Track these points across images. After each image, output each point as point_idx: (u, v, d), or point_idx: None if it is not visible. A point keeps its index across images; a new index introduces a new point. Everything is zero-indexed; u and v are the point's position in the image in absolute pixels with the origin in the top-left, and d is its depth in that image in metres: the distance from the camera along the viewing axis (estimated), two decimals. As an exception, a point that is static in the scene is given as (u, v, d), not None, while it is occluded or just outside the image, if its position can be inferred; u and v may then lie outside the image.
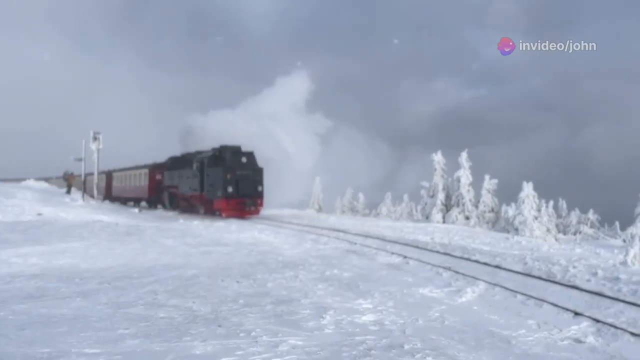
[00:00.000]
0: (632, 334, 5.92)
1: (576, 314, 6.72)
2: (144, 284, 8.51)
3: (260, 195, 24.13)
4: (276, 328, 6.00)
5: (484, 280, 8.73)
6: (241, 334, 5.73)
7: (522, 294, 7.80)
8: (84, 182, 33.62)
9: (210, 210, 25.23)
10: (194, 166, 25.98)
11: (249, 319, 6.39)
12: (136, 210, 31.14)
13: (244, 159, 24.05)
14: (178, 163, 29.80)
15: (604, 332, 6.11)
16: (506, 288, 8.18)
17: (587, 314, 6.69)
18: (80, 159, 32.02)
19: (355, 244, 13.97)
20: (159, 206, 34.33)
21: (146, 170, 34.83)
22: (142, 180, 35.43)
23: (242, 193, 23.54)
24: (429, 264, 10.52)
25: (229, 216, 23.58)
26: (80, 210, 24.64)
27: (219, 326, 6.05)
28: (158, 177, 33.58)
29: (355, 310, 6.92)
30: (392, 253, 11.99)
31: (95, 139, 31.72)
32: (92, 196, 34.88)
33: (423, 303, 7.51)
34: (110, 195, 43.33)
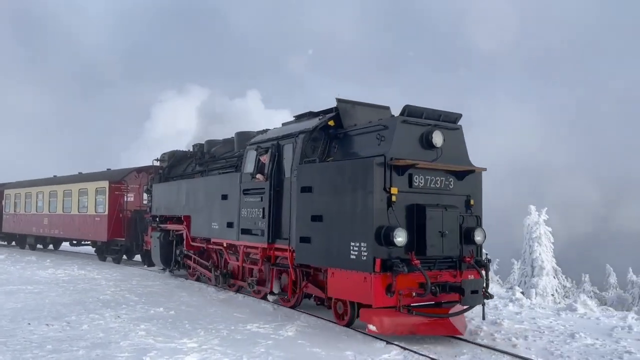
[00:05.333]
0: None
1: (388, 343, 7.33)
2: None
3: (484, 262, 8.10)
4: (87, 375, 5.53)
5: (307, 313, 9.09)
6: (44, 385, 5.17)
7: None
8: None
9: (296, 295, 9.47)
10: (247, 165, 10.29)
11: (56, 366, 5.79)
12: None
13: (437, 140, 7.84)
14: (188, 164, 14.07)
15: (410, 358, 6.76)
16: (329, 320, 8.61)
17: (395, 342, 7.34)
18: None
19: (186, 279, 13.54)
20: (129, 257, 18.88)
21: (103, 184, 18.53)
22: (91, 205, 19.09)
23: (438, 248, 7.56)
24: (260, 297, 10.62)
25: (392, 333, 7.45)
26: None
27: (18, 377, 5.38)
28: (131, 197, 18.38)
29: (179, 350, 6.69)
30: (224, 288, 11.86)
31: None
32: None
33: (250, 339, 7.53)
34: None
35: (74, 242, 21.59)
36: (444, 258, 7.62)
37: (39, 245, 24.36)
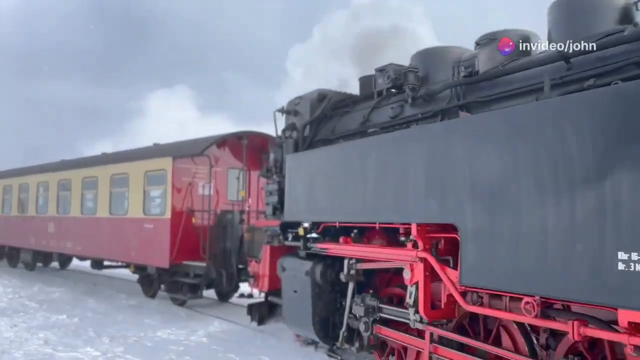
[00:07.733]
0: None
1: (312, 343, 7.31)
2: None
3: None
4: (-28, 390, 5.04)
5: (221, 318, 8.92)
6: None
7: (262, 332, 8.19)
8: None
9: None
10: None
11: None
12: None
13: None
14: (372, 109, 6.35)
15: None
16: (245, 326, 8.48)
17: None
18: None
19: (95, 285, 12.84)
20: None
21: (162, 164, 10.29)
22: (136, 202, 10.88)
23: None
24: (171, 302, 10.26)
25: None
26: None
27: None
28: (221, 186, 10.78)
29: (81, 360, 6.29)
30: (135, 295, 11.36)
31: None
32: None
33: (160, 346, 7.23)
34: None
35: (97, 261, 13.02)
36: None
37: (38, 264, 16.03)
